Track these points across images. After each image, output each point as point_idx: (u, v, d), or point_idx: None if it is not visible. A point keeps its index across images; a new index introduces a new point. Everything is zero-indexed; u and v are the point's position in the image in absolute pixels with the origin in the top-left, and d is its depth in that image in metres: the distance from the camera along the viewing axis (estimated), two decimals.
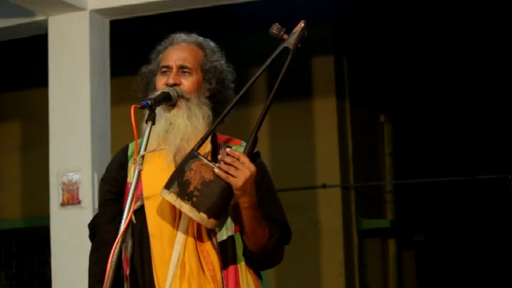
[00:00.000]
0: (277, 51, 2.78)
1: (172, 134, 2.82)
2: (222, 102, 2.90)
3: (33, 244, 9.27)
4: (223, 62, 2.95)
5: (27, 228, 8.98)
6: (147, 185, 2.80)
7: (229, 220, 2.79)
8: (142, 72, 2.96)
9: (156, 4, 5.90)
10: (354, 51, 9.16)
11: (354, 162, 8.98)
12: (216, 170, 2.68)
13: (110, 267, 2.64)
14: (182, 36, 2.96)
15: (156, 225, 2.79)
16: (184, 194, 2.69)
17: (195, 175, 2.69)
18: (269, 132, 8.40)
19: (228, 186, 2.68)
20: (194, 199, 2.68)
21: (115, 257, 2.65)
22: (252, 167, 2.69)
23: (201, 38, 2.97)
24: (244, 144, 2.88)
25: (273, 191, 2.91)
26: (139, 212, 2.82)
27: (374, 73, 9.65)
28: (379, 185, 9.84)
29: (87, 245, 6.06)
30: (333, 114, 8.78)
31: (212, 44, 2.97)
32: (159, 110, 2.82)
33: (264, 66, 2.77)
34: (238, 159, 2.69)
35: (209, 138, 2.86)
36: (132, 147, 2.93)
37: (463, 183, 10.10)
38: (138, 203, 2.82)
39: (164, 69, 2.89)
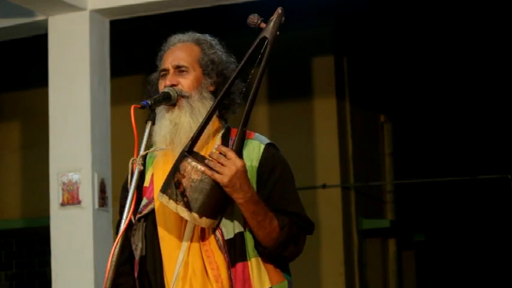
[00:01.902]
0: (256, 42, 2.77)
1: (178, 135, 2.81)
2: (229, 93, 2.89)
3: (33, 244, 9.27)
4: (221, 53, 2.93)
5: (27, 228, 8.98)
6: (158, 188, 2.80)
7: (236, 217, 2.77)
8: (151, 80, 2.97)
9: (156, 4, 5.90)
10: (354, 51, 9.16)
11: (354, 162, 8.98)
12: (202, 168, 2.67)
13: (110, 267, 2.64)
14: (178, 36, 2.96)
15: (165, 228, 2.80)
16: (176, 195, 2.68)
17: (184, 175, 2.68)
18: (269, 132, 8.40)
19: (217, 184, 2.66)
20: (185, 199, 2.67)
21: (115, 256, 2.65)
22: (239, 163, 2.66)
23: (197, 34, 2.96)
24: (257, 136, 2.88)
25: (286, 183, 2.88)
26: (152, 215, 2.83)
27: (374, 73, 9.65)
28: (379, 185, 9.84)
29: (87, 245, 6.07)
30: (333, 114, 8.78)
31: (209, 38, 2.96)
32: (162, 113, 2.82)
33: (245, 58, 2.76)
34: (225, 155, 2.68)
35: (219, 134, 2.86)
36: (150, 154, 2.93)
37: (463, 183, 10.10)
38: (150, 207, 2.83)
39: (163, 73, 2.90)
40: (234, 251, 2.76)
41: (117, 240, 2.66)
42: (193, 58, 2.89)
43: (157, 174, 2.85)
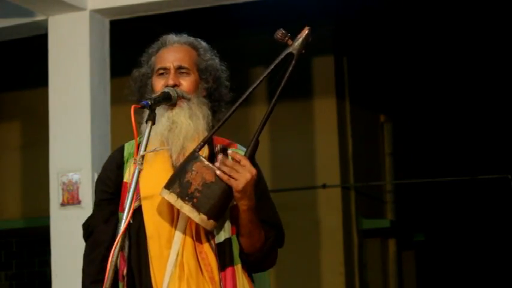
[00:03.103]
0: (281, 57, 2.79)
1: (175, 133, 2.82)
2: (219, 101, 2.92)
3: (33, 244, 9.27)
4: (216, 60, 2.96)
5: (27, 228, 8.98)
6: (145, 185, 2.80)
7: (227, 222, 2.80)
8: (135, 76, 2.96)
9: (156, 4, 5.90)
10: (354, 51, 9.16)
11: (354, 162, 8.98)
12: (218, 172, 2.69)
13: (110, 267, 2.63)
14: (174, 37, 2.96)
15: (154, 226, 2.79)
16: (184, 194, 2.69)
17: (196, 176, 2.69)
18: (269, 132, 8.40)
19: (229, 189, 2.69)
20: (195, 200, 2.69)
21: (115, 256, 2.65)
22: (253, 170, 2.70)
23: (192, 38, 2.98)
24: (240, 147, 2.91)
25: (268, 195, 2.93)
26: (137, 213, 2.81)
27: (374, 73, 9.65)
28: (379, 185, 9.84)
29: None
30: (333, 114, 8.78)
31: (204, 43, 2.98)
32: (160, 111, 2.82)
33: (267, 71, 2.78)
34: (239, 161, 2.70)
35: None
36: (128, 147, 2.93)
37: (463, 183, 10.09)
38: (136, 204, 2.81)
39: (161, 71, 2.90)
40: (224, 256, 2.79)
41: (117, 240, 2.66)
42: (192, 61, 2.90)
43: (145, 171, 2.80)
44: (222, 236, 2.79)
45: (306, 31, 2.81)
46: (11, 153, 9.37)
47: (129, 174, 2.86)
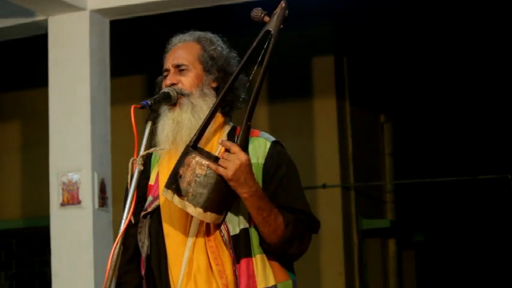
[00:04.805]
0: (260, 35, 2.77)
1: (180, 133, 2.82)
2: (230, 89, 2.89)
3: (33, 244, 9.27)
4: (221, 49, 2.94)
5: (27, 228, 8.98)
6: (163, 185, 2.80)
7: (242, 213, 2.77)
8: (157, 83, 3.00)
9: (156, 4, 5.90)
10: (354, 51, 9.16)
11: (354, 162, 8.98)
12: (207, 163, 2.67)
13: (110, 267, 2.64)
14: (179, 36, 2.98)
15: (170, 225, 2.81)
16: (180, 190, 2.68)
17: (188, 170, 2.68)
18: (269, 132, 8.38)
19: (222, 178, 2.66)
20: (190, 194, 2.67)
21: (115, 256, 2.65)
22: (243, 157, 2.66)
23: (198, 32, 2.98)
24: (263, 134, 2.89)
25: (291, 180, 2.88)
26: (156, 213, 2.84)
27: (374, 73, 9.65)
28: (379, 185, 9.84)
29: (87, 245, 6.07)
30: (333, 114, 8.78)
31: (210, 34, 2.98)
32: (164, 112, 2.83)
33: (249, 51, 2.77)
34: (229, 149, 2.68)
35: (224, 131, 2.87)
36: (155, 152, 2.93)
37: (463, 183, 10.09)
38: (155, 204, 2.84)
39: (165, 73, 2.93)
40: (239, 247, 2.75)
41: (117, 240, 2.66)
42: (193, 56, 2.90)
43: (162, 172, 2.86)
44: (237, 228, 2.76)
45: (282, 5, 2.79)
46: (11, 153, 9.36)
47: (154, 177, 2.89)
